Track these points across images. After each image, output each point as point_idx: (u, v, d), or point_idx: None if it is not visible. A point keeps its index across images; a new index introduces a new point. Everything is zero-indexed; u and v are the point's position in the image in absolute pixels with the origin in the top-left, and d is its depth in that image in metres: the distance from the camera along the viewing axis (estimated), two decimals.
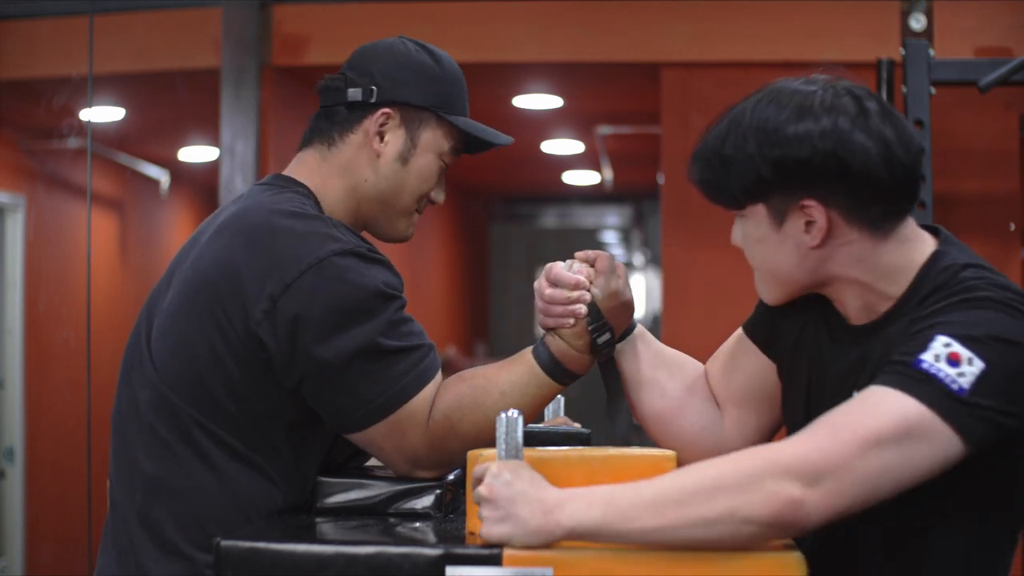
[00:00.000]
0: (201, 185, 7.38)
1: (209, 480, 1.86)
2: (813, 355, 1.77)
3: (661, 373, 1.93)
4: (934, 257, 1.65)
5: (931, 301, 1.60)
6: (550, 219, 11.01)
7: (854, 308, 1.70)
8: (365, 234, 2.04)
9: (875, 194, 1.61)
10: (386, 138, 1.99)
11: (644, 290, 10.46)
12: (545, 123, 6.78)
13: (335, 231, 1.88)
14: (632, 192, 9.89)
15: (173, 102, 5.67)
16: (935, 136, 3.92)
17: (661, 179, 5.26)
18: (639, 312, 1.95)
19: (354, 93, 1.99)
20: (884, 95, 4.03)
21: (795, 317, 1.80)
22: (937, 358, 1.50)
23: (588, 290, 1.87)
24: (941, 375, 1.49)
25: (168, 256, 2.08)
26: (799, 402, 1.79)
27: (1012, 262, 4.56)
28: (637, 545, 1.50)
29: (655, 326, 8.99)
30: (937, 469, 1.50)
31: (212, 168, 5.40)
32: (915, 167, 1.63)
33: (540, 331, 1.94)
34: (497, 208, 10.82)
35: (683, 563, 1.50)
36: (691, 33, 4.79)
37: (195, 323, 1.86)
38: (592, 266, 1.89)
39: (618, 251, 10.95)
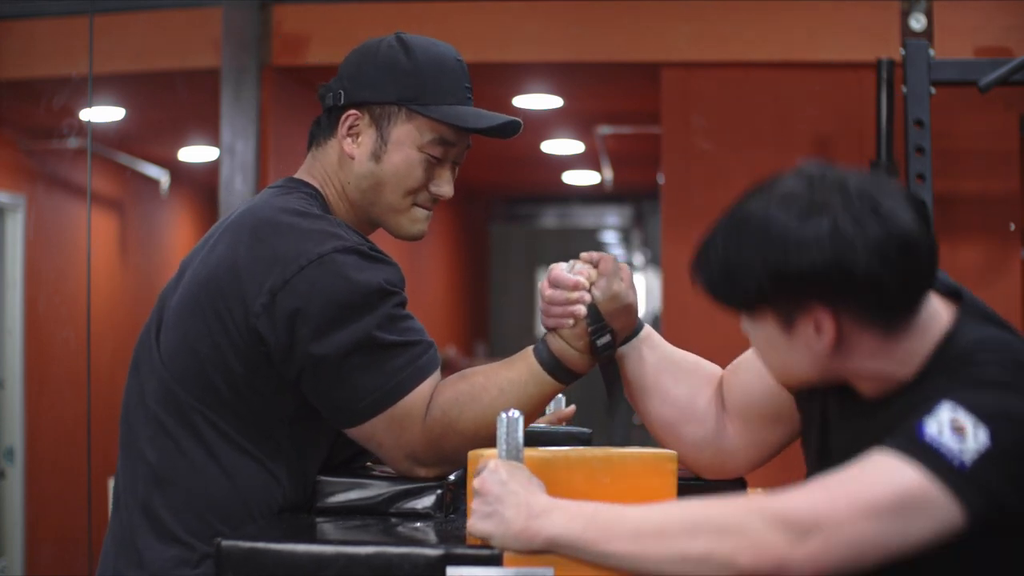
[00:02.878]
0: (201, 185, 7.38)
1: (212, 471, 1.87)
2: (824, 414, 1.72)
3: (666, 379, 1.91)
4: (949, 337, 1.58)
5: (941, 385, 1.52)
6: (550, 219, 11.00)
7: (867, 389, 1.63)
8: (380, 233, 2.06)
9: (881, 299, 1.52)
10: (359, 139, 2.00)
11: (644, 290, 10.46)
12: (545, 123, 6.77)
13: (339, 230, 1.89)
14: (632, 192, 9.88)
15: (173, 102, 5.66)
16: (935, 136, 3.92)
17: (661, 179, 5.25)
18: (639, 312, 1.95)
19: (328, 99, 2.02)
20: (884, 95, 4.03)
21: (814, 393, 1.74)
22: (940, 428, 1.44)
23: (588, 291, 1.87)
24: (943, 449, 1.42)
25: (169, 256, 2.10)
26: (811, 458, 1.75)
27: (1012, 262, 4.56)
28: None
29: (655, 326, 8.96)
30: (933, 539, 1.43)
31: (212, 168, 5.40)
32: (917, 263, 1.53)
33: (542, 331, 1.94)
34: (497, 208, 10.81)
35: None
36: (691, 33, 4.79)
37: (199, 318, 1.88)
38: (595, 267, 1.89)
39: (618, 251, 10.95)
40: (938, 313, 1.60)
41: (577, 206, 10.74)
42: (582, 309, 1.86)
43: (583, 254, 1.90)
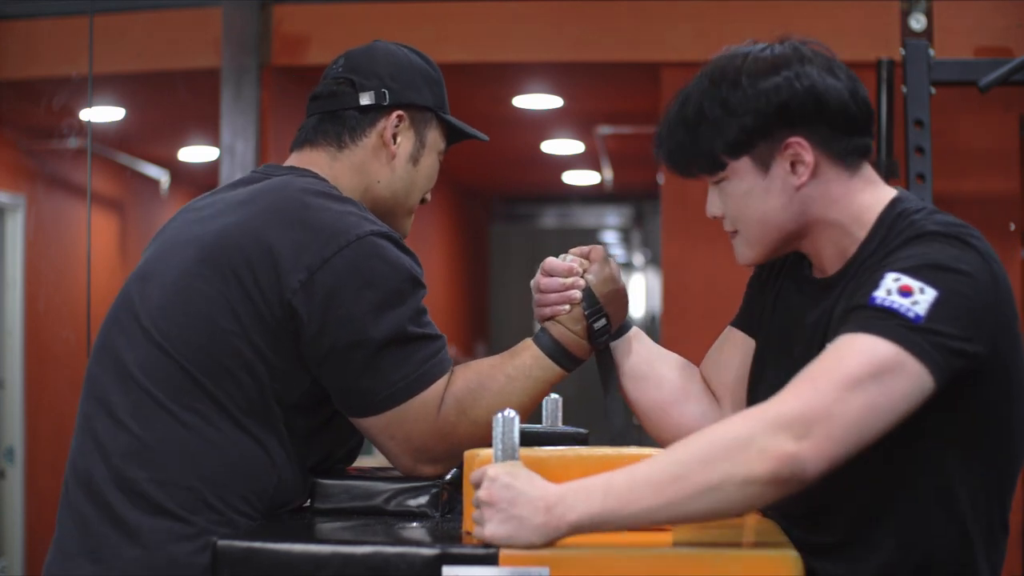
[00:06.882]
0: (201, 185, 7.37)
1: (207, 444, 1.83)
2: (784, 318, 1.84)
3: (660, 365, 1.99)
4: (893, 202, 1.74)
5: (886, 244, 1.68)
6: (550, 219, 11.01)
7: (828, 256, 1.76)
8: None
9: (849, 126, 1.71)
10: (399, 139, 2.05)
11: (644, 290, 10.46)
12: (545, 123, 6.78)
13: (368, 215, 1.93)
14: (632, 192, 9.88)
15: (173, 102, 5.67)
16: (935, 136, 3.92)
17: (661, 179, 5.26)
18: (638, 312, 1.99)
19: (366, 97, 2.03)
20: (884, 95, 4.02)
21: (767, 292, 1.89)
22: (889, 292, 1.55)
23: (582, 276, 1.95)
24: (895, 306, 1.54)
25: None
26: (770, 361, 1.85)
27: (1012, 262, 4.56)
28: (641, 530, 1.52)
29: (655, 326, 8.98)
30: (915, 405, 1.53)
31: (212, 168, 5.41)
32: (870, 104, 1.75)
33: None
34: (497, 208, 10.81)
35: (680, 562, 1.51)
36: (691, 33, 4.79)
37: (215, 286, 1.86)
38: (586, 258, 1.97)
39: (618, 251, 10.95)
40: (883, 184, 1.78)
41: (577, 206, 10.75)
42: (577, 293, 1.94)
43: (573, 249, 1.99)
